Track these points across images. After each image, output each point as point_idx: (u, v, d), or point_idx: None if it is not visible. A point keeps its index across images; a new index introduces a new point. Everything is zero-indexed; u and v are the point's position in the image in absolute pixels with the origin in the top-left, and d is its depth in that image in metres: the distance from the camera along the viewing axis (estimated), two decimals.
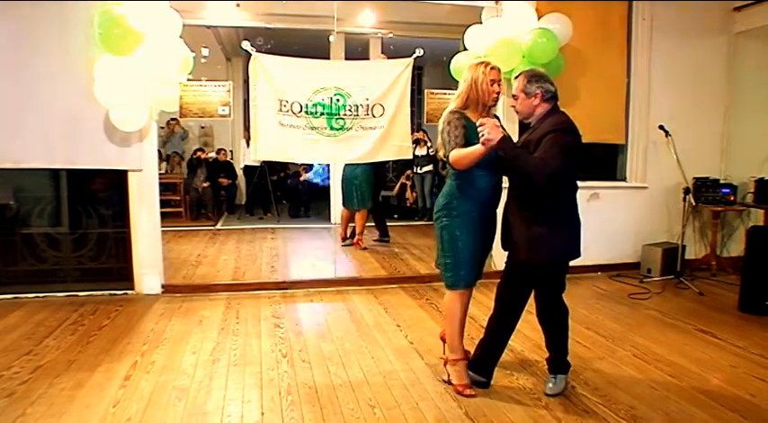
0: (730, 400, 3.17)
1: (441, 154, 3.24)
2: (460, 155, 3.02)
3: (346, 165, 7.10)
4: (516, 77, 3.16)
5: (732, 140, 6.34)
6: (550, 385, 3.25)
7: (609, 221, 5.98)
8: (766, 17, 5.89)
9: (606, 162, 6.34)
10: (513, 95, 3.14)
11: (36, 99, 4.67)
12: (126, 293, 5.14)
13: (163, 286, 5.22)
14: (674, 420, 2.95)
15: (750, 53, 6.19)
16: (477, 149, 2.92)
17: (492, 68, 3.14)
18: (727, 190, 6.06)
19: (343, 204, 7.37)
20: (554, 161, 2.80)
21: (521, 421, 2.92)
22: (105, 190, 5.24)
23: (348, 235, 7.42)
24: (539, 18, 5.27)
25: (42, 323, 4.33)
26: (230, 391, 3.24)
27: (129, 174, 5.05)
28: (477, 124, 2.90)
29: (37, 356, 3.68)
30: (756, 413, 3.04)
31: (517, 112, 3.19)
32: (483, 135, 2.81)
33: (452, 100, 3.24)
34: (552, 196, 2.98)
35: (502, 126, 2.98)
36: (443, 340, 3.50)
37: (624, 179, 6.26)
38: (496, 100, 3.22)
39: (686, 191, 5.63)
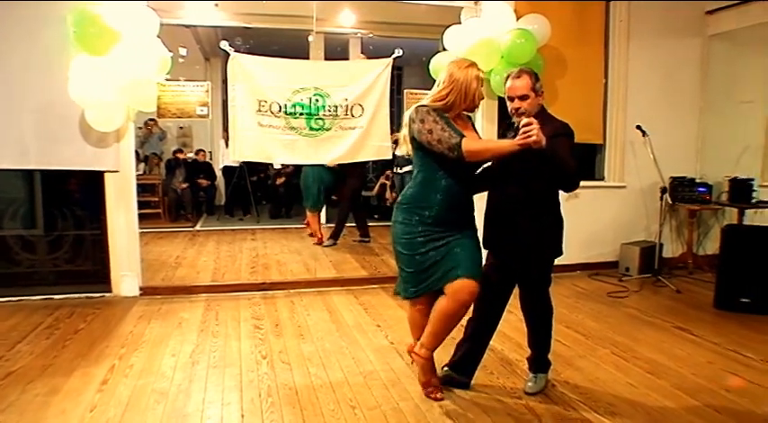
0: (706, 396, 3.21)
1: (405, 149, 3.05)
2: (484, 146, 2.84)
3: (310, 166, 7.12)
4: (517, 77, 3.00)
5: (707, 140, 6.43)
6: (531, 384, 3.26)
7: (588, 221, 6.03)
8: (736, 21, 5.99)
9: (584, 162, 6.39)
10: (523, 96, 2.98)
11: (8, 98, 4.56)
12: (103, 296, 5.06)
13: (141, 288, 5.15)
14: (653, 417, 2.98)
15: (722, 55, 6.29)
16: (509, 145, 2.72)
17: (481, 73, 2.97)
18: (703, 189, 6.14)
19: (308, 206, 7.55)
20: (574, 163, 2.93)
21: (501, 420, 2.93)
22: (81, 191, 5.16)
23: (330, 235, 7.41)
24: (517, 18, 5.31)
25: (15, 328, 4.24)
26: (210, 394, 3.21)
27: (106, 175, 4.97)
28: (524, 123, 2.65)
29: (9, 362, 3.60)
30: (730, 408, 3.08)
31: (521, 113, 2.97)
32: (530, 135, 2.59)
33: (430, 98, 2.96)
34: (556, 195, 3.11)
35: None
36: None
37: (602, 179, 6.31)
38: (477, 108, 3.11)
39: (663, 190, 5.71)
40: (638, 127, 5.70)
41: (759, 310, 4.65)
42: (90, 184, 5.03)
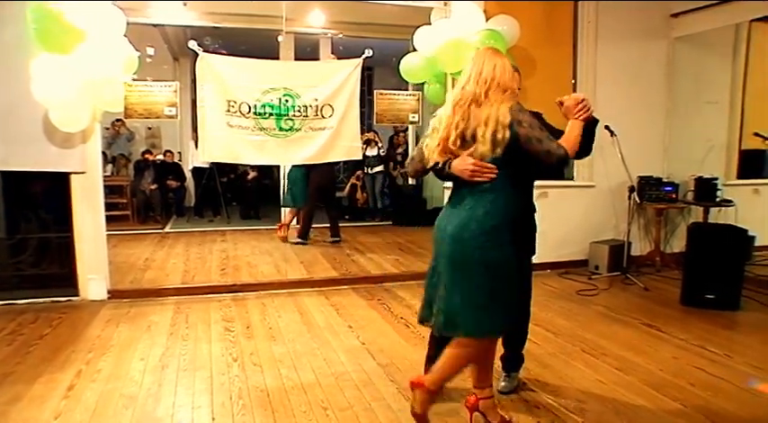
0: (673, 390, 3.27)
1: (487, 150, 2.44)
2: (575, 141, 2.51)
3: (295, 165, 7.12)
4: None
5: (673, 140, 6.54)
6: (504, 383, 3.28)
7: (557, 220, 6.08)
8: (700, 24, 6.12)
9: None
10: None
11: None
12: (70, 300, 4.96)
13: (109, 292, 5.06)
14: (621, 412, 3.03)
15: (686, 57, 6.42)
16: (579, 127, 2.55)
17: None
18: (670, 188, 6.25)
19: (290, 205, 7.60)
20: None
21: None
22: (46, 193, 5.04)
23: (298, 235, 7.39)
24: (487, 19, 5.34)
25: None
26: (180, 398, 3.16)
27: (72, 176, 4.87)
28: (580, 99, 2.58)
29: None
30: (694, 401, 3.15)
31: None
32: (588, 108, 2.57)
33: (505, 97, 2.51)
34: None
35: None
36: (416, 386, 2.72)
37: (572, 178, 6.38)
38: None
39: (631, 189, 5.79)
40: (607, 127, 5.74)
41: (723, 306, 4.75)
42: (55, 186, 4.92)
